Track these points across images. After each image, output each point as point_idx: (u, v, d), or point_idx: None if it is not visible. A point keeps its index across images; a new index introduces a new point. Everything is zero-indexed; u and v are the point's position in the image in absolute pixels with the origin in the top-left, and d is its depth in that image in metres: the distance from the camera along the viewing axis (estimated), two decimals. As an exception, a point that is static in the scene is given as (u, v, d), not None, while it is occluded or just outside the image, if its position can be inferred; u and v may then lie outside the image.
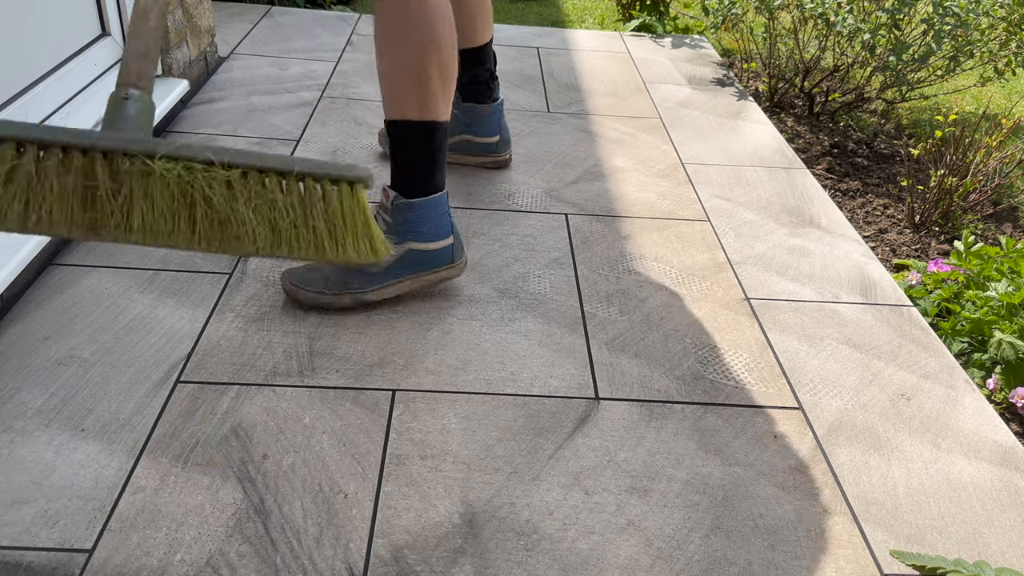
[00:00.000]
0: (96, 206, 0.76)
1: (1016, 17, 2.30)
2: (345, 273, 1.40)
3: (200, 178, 0.76)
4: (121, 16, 1.93)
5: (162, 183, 0.74)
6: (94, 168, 0.75)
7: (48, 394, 1.22)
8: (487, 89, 1.87)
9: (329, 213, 0.83)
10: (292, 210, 0.81)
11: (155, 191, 0.75)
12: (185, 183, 0.75)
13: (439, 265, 1.45)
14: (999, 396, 1.50)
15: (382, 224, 1.42)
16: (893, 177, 2.36)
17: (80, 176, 0.75)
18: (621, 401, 1.31)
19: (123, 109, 0.77)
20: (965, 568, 1.05)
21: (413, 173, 1.37)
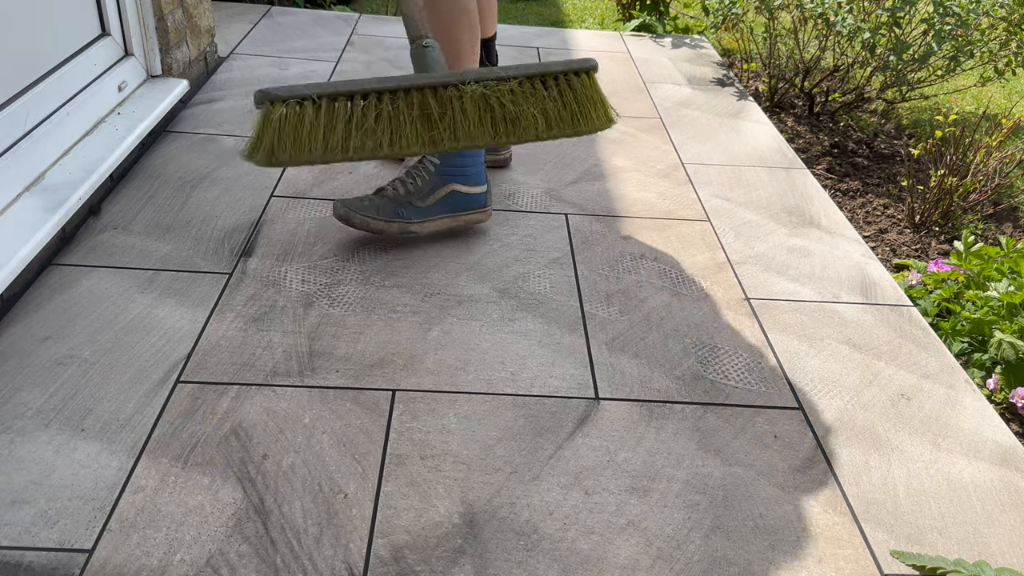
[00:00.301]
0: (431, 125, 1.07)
1: (1016, 17, 2.30)
2: (395, 204, 1.59)
3: (493, 91, 1.07)
4: (121, 16, 1.93)
5: (471, 101, 1.06)
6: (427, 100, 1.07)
7: (48, 394, 1.22)
8: None
9: (578, 96, 1.14)
10: (556, 100, 1.11)
11: (468, 107, 1.06)
12: (487, 97, 1.07)
13: (475, 207, 1.65)
14: (999, 396, 1.50)
15: (429, 164, 1.60)
16: (893, 177, 2.36)
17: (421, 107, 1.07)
18: (621, 401, 1.31)
19: (428, 55, 1.10)
20: (965, 568, 1.05)
21: None
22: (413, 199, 1.59)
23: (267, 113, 0.98)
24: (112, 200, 1.73)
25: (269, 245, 1.62)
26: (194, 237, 1.62)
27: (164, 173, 1.85)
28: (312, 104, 1.00)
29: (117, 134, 1.77)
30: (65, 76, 1.72)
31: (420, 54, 1.09)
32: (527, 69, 1.09)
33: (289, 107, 1.00)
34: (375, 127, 1.03)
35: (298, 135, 0.99)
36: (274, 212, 1.74)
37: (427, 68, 1.09)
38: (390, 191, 1.61)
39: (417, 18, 1.12)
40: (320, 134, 1.00)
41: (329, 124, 1.01)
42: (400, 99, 1.05)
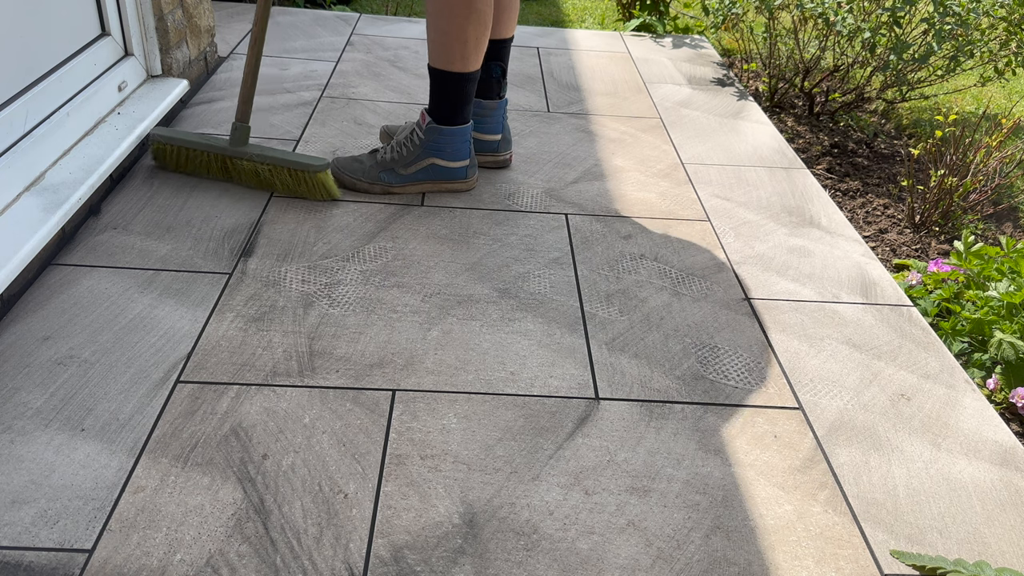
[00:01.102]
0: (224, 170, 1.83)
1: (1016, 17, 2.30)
2: (379, 169, 1.83)
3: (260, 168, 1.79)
4: (121, 16, 1.93)
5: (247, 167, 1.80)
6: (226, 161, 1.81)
7: (48, 394, 1.22)
8: (497, 85, 1.90)
9: (310, 182, 1.77)
10: (295, 180, 1.78)
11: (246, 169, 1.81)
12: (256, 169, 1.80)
13: (454, 178, 1.85)
14: (999, 396, 1.50)
15: (415, 138, 1.81)
16: (893, 177, 2.36)
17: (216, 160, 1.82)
18: (621, 401, 1.31)
19: (237, 132, 1.77)
20: (965, 568, 1.05)
21: (445, 107, 1.75)
22: (396, 166, 1.81)
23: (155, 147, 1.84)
24: (112, 200, 1.72)
25: (269, 245, 1.62)
26: (194, 237, 1.62)
27: (164, 173, 1.85)
28: (171, 147, 1.82)
29: (117, 134, 1.77)
30: (65, 76, 1.72)
31: (234, 132, 1.76)
32: (276, 159, 1.76)
33: (164, 146, 1.82)
34: (200, 164, 1.82)
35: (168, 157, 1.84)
36: (274, 212, 1.74)
37: (234, 142, 1.77)
38: (380, 155, 1.83)
39: (245, 109, 1.73)
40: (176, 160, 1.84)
41: (183, 156, 1.82)
42: (213, 156, 1.80)
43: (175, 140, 1.79)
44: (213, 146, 1.77)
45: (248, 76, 1.74)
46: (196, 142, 1.78)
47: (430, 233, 1.71)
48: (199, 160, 1.80)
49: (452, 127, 1.77)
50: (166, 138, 1.80)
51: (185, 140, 1.79)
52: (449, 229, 1.73)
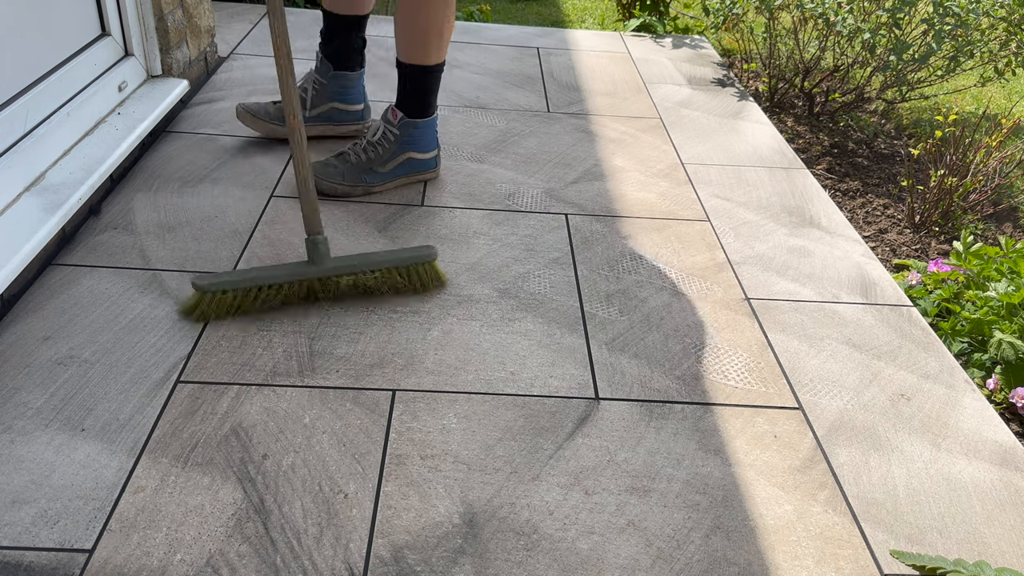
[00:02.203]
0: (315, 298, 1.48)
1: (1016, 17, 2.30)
2: (359, 171, 1.81)
3: (360, 280, 1.47)
4: (121, 16, 1.93)
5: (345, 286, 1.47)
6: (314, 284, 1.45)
7: (48, 394, 1.22)
8: (359, 56, 1.97)
9: (420, 276, 1.51)
10: (404, 279, 1.50)
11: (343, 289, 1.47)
12: (355, 283, 1.47)
13: (426, 169, 1.89)
14: (999, 396, 1.50)
15: (390, 135, 1.80)
16: (893, 177, 2.36)
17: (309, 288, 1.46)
18: (621, 401, 1.31)
19: (318, 248, 1.43)
20: (965, 568, 1.05)
21: (420, 101, 1.78)
22: (375, 165, 1.81)
23: (199, 299, 1.39)
24: (112, 200, 1.73)
25: (269, 245, 1.62)
26: (194, 237, 1.62)
27: (164, 173, 1.85)
28: (232, 294, 1.39)
29: (117, 134, 1.77)
30: (65, 76, 1.72)
31: (314, 249, 1.43)
32: (386, 262, 1.47)
33: (216, 295, 1.38)
34: (274, 301, 1.44)
35: (219, 310, 1.40)
36: (274, 212, 1.74)
37: (318, 260, 1.43)
38: (353, 156, 1.81)
39: (315, 219, 1.42)
40: (235, 308, 1.41)
41: (242, 302, 1.41)
42: (296, 285, 1.43)
43: (232, 283, 1.38)
44: (296, 274, 1.42)
45: (305, 176, 1.40)
46: (267, 276, 1.40)
47: (430, 233, 1.71)
48: (276, 296, 1.42)
49: (425, 119, 1.80)
50: (219, 284, 1.37)
51: (247, 279, 1.39)
52: (449, 229, 1.73)
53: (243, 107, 1.95)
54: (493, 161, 2.04)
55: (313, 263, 1.43)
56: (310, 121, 2.01)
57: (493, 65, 2.70)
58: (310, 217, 1.42)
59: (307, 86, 1.98)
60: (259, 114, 1.95)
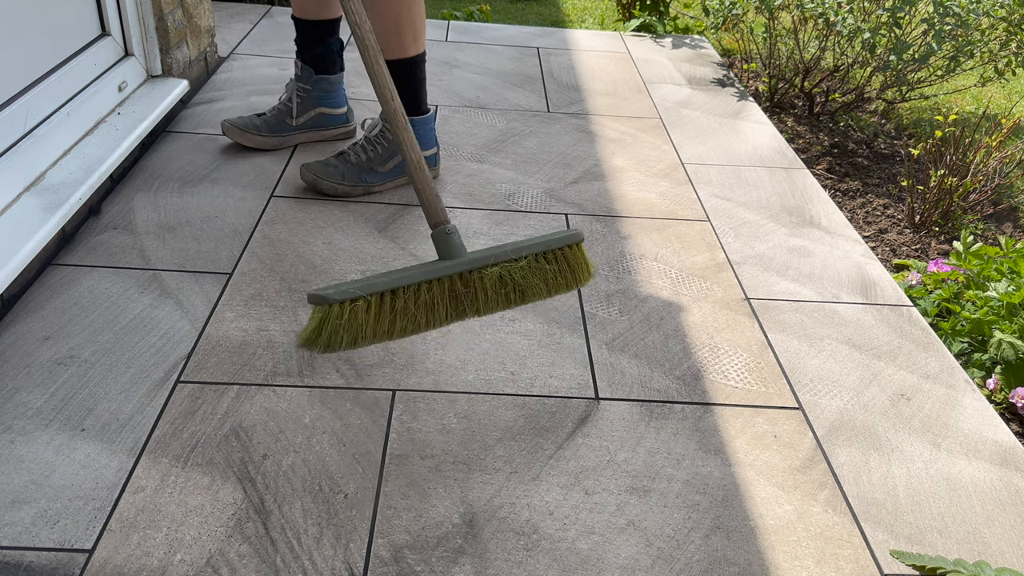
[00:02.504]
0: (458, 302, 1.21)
1: (1016, 17, 2.30)
2: (359, 171, 1.80)
3: (507, 270, 1.21)
4: (121, 16, 1.93)
5: (490, 280, 1.20)
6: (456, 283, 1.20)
7: (48, 394, 1.22)
8: (339, 59, 1.98)
9: (571, 263, 1.28)
10: (554, 268, 1.26)
11: (488, 285, 1.21)
12: (502, 275, 1.21)
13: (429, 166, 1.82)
14: (999, 396, 1.50)
15: (388, 134, 1.79)
16: (893, 177, 2.36)
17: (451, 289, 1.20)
18: (621, 401, 1.31)
19: (452, 241, 1.20)
20: (965, 568, 1.05)
21: (411, 95, 1.78)
22: (374, 164, 1.80)
23: (325, 314, 1.10)
24: (112, 200, 1.73)
25: (269, 245, 1.62)
26: (194, 237, 1.62)
27: (164, 173, 1.85)
28: (364, 302, 1.12)
29: (117, 134, 1.77)
30: (65, 76, 1.72)
31: (445, 240, 1.20)
32: (532, 247, 1.24)
33: (344, 307, 1.11)
34: (415, 312, 1.16)
35: (350, 328, 1.11)
36: (274, 212, 1.74)
37: (453, 252, 1.20)
38: (352, 156, 1.80)
39: (439, 206, 1.22)
40: (371, 326, 1.12)
41: (377, 316, 1.13)
42: (435, 286, 1.18)
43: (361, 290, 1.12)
44: (433, 272, 1.17)
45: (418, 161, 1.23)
46: (400, 279, 1.15)
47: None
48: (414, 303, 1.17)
49: (421, 117, 1.80)
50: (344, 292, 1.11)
51: (378, 284, 1.14)
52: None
53: (228, 122, 1.95)
54: (493, 161, 2.04)
55: (447, 257, 1.19)
56: (298, 129, 2.00)
57: (493, 65, 2.70)
58: (433, 205, 1.21)
59: (291, 95, 1.97)
60: (246, 127, 1.95)
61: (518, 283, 1.23)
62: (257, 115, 1.99)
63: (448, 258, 1.19)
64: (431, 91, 2.43)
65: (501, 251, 1.21)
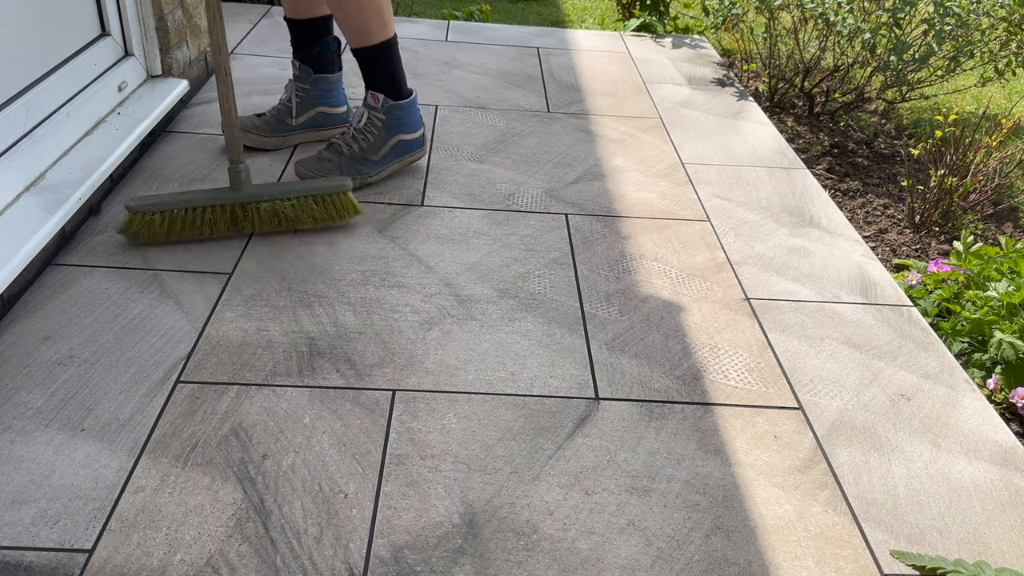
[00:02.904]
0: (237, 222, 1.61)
1: (1016, 17, 2.30)
2: (354, 163, 1.82)
3: (279, 206, 1.61)
4: (121, 16, 1.93)
5: (264, 211, 1.61)
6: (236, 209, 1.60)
7: (48, 394, 1.22)
8: (337, 59, 1.96)
9: (336, 204, 1.64)
10: (320, 206, 1.64)
11: (263, 213, 1.61)
12: (274, 208, 1.61)
13: (415, 149, 1.88)
14: (999, 396, 1.50)
15: (377, 121, 1.80)
16: (893, 177, 2.36)
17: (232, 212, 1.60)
18: (621, 401, 1.31)
19: (239, 175, 1.58)
20: (965, 568, 1.05)
21: (394, 80, 1.78)
22: (368, 154, 1.81)
23: (130, 219, 1.54)
24: (112, 200, 1.72)
25: (269, 245, 1.62)
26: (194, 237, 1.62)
27: (164, 173, 1.85)
28: (161, 215, 1.54)
29: (117, 134, 1.77)
30: (65, 76, 1.72)
31: (235, 176, 1.57)
32: (302, 190, 1.60)
33: (145, 217, 1.54)
34: (200, 226, 1.57)
35: (148, 232, 1.55)
36: (274, 212, 1.73)
37: (240, 186, 1.57)
38: (345, 148, 1.81)
39: (238, 147, 1.54)
40: (164, 231, 1.55)
41: (169, 225, 1.55)
42: (218, 209, 1.57)
43: (160, 205, 1.54)
44: (218, 198, 1.57)
45: (228, 107, 1.55)
46: (192, 200, 1.56)
47: (430, 233, 1.71)
48: (200, 220, 1.57)
49: (407, 99, 1.80)
50: (147, 206, 1.54)
51: (175, 202, 1.55)
52: (449, 229, 1.73)
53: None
54: (493, 161, 2.04)
55: (235, 189, 1.56)
56: (298, 129, 2.00)
57: (493, 65, 2.70)
58: (233, 145, 1.55)
59: (291, 95, 1.97)
60: (246, 128, 1.96)
61: (288, 215, 1.60)
62: (256, 115, 1.99)
63: (235, 190, 1.57)
64: (431, 91, 2.43)
65: (276, 190, 1.59)
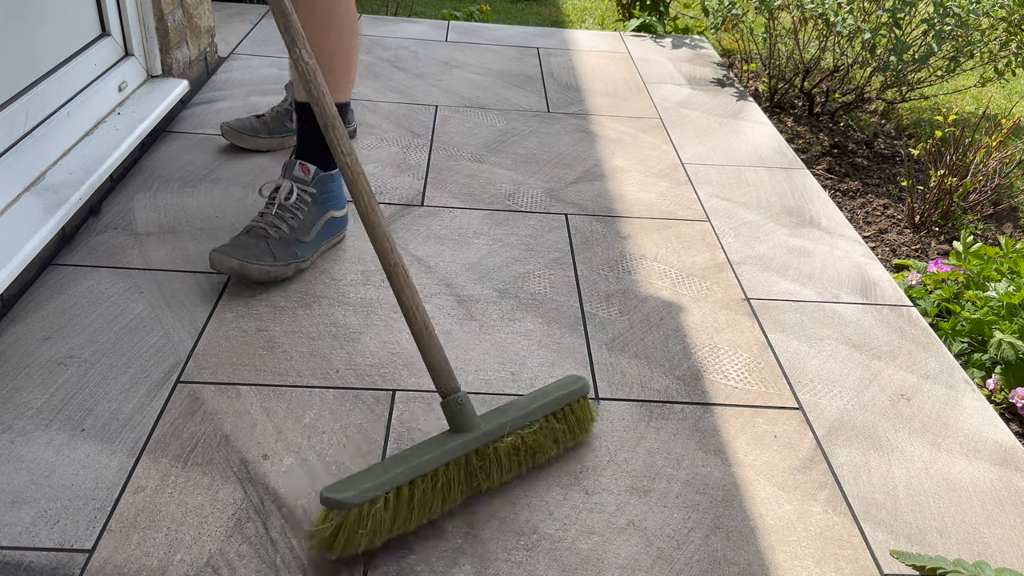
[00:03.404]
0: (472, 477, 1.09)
1: (1016, 18, 2.30)
2: (287, 246, 1.50)
3: (523, 436, 1.12)
4: (121, 16, 1.93)
5: (506, 450, 1.10)
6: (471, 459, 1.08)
7: (48, 394, 1.22)
8: None
9: (577, 417, 1.19)
10: (563, 425, 1.17)
11: (503, 455, 1.10)
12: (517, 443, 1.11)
13: (342, 228, 1.63)
14: (999, 396, 1.50)
15: (307, 196, 1.52)
16: (893, 177, 2.36)
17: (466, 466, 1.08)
18: (621, 401, 1.31)
19: (466, 411, 1.08)
20: (965, 568, 1.05)
21: (328, 148, 1.52)
22: (299, 235, 1.51)
23: (342, 521, 0.97)
24: (112, 200, 1.73)
25: (269, 245, 1.62)
26: (194, 237, 1.62)
27: (164, 173, 1.85)
28: (383, 500, 1.00)
29: (117, 134, 1.77)
30: (65, 76, 1.72)
31: (459, 412, 1.07)
32: (544, 407, 1.14)
33: (364, 510, 0.98)
34: (432, 498, 1.04)
35: (370, 531, 0.99)
36: (274, 212, 1.73)
37: (468, 425, 1.08)
38: (273, 230, 1.49)
39: (448, 371, 1.08)
40: (388, 523, 1.00)
41: (395, 511, 1.01)
42: (452, 466, 1.06)
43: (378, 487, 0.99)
44: (448, 452, 1.05)
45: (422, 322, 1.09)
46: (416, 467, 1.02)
47: (430, 233, 1.71)
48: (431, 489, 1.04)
49: (336, 170, 1.55)
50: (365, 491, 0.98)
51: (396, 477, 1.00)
52: (449, 229, 1.73)
53: (227, 125, 1.94)
54: (493, 161, 2.04)
55: (462, 430, 1.08)
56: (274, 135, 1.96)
57: (493, 65, 2.70)
58: (442, 371, 1.08)
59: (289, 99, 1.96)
60: (244, 130, 1.94)
61: (530, 447, 1.13)
62: (256, 116, 1.98)
63: (462, 431, 1.07)
64: (431, 91, 2.43)
65: (514, 417, 1.11)
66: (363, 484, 0.98)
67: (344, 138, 1.09)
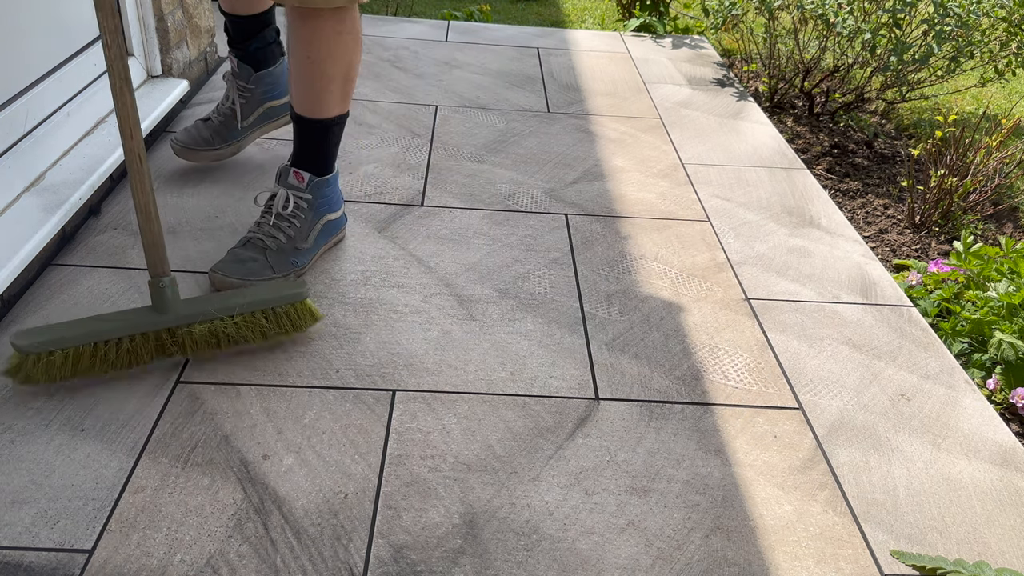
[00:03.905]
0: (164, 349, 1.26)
1: (1017, 18, 2.30)
2: (286, 256, 1.51)
3: (219, 326, 1.27)
4: (121, 16, 1.93)
5: (200, 335, 1.25)
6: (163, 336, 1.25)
7: (48, 394, 1.22)
8: (277, 48, 1.82)
9: (291, 316, 1.32)
10: (271, 321, 1.31)
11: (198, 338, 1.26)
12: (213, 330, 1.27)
13: (340, 229, 1.64)
14: (999, 396, 1.50)
15: (303, 203, 1.53)
16: (893, 177, 2.36)
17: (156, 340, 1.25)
18: (621, 401, 1.31)
19: (165, 293, 1.22)
20: (965, 568, 1.05)
21: (328, 155, 1.55)
22: (297, 243, 1.52)
23: (21, 360, 1.17)
24: (112, 200, 1.72)
25: (269, 245, 1.62)
26: (194, 237, 1.62)
27: (164, 173, 1.85)
28: (62, 353, 1.18)
29: (117, 134, 1.77)
30: (65, 76, 1.72)
31: (159, 294, 1.23)
32: (247, 304, 1.27)
33: (40, 357, 1.17)
34: (116, 358, 1.22)
35: (50, 370, 1.18)
36: (274, 212, 1.73)
37: (164, 306, 1.23)
38: (271, 241, 1.49)
39: (158, 256, 1.20)
40: (69, 369, 1.19)
41: (76, 362, 1.19)
42: (138, 338, 1.23)
43: (60, 341, 1.17)
44: (138, 324, 1.22)
45: (147, 205, 1.20)
46: (102, 330, 1.19)
47: (430, 233, 1.71)
48: (116, 353, 1.22)
49: (332, 174, 1.56)
50: (42, 343, 1.16)
51: (79, 335, 1.18)
52: (449, 229, 1.73)
53: (179, 143, 1.78)
54: (493, 161, 2.04)
55: (159, 311, 1.22)
56: (249, 129, 1.85)
57: (493, 65, 2.70)
58: (152, 254, 1.20)
59: (232, 97, 1.80)
60: (197, 145, 1.79)
61: (230, 335, 1.28)
62: (203, 121, 1.83)
63: (159, 311, 1.23)
64: (431, 91, 2.43)
65: (213, 307, 1.25)
66: (45, 336, 1.17)
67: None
